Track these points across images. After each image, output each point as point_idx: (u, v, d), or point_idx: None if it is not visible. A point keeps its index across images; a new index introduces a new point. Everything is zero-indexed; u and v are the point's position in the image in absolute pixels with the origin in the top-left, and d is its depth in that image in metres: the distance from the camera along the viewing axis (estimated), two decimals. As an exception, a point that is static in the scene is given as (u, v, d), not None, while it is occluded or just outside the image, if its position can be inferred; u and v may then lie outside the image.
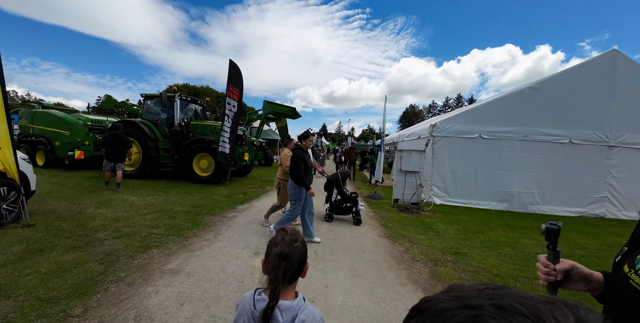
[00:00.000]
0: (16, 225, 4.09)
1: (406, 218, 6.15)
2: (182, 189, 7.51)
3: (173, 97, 9.15)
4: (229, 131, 7.43)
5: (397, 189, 6.98)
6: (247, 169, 10.58)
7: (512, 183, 8.12)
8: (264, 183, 9.37)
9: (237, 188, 8.23)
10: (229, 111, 7.31)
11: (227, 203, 6.28)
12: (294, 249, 0.91)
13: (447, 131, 8.11)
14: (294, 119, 14.38)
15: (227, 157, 7.50)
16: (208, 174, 8.59)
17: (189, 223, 4.73)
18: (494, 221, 6.56)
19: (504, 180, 8.13)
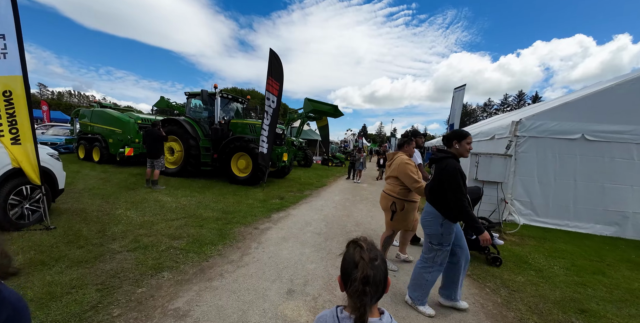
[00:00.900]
0: (37, 226, 3.75)
1: (484, 243, 4.67)
2: (218, 191, 7.00)
3: (214, 94, 8.83)
4: (268, 130, 6.70)
5: (468, 203, 5.48)
6: (285, 171, 9.87)
7: (626, 201, 6.00)
8: (302, 187, 8.52)
9: (274, 191, 7.49)
10: (268, 107, 6.58)
11: (262, 209, 5.50)
12: (377, 270, 0.81)
13: (536, 129, 6.30)
14: (336, 117, 13.39)
15: (265, 157, 6.78)
16: (246, 175, 8.03)
17: (215, 234, 4.00)
18: (609, 254, 4.73)
19: (614, 196, 6.04)
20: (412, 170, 3.11)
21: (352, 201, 6.98)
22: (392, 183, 3.28)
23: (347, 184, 9.93)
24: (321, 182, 9.89)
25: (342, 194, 7.87)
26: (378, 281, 0.80)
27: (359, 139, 34.71)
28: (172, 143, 9.13)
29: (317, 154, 22.76)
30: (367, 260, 0.81)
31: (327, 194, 7.81)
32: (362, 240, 0.88)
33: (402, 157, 3.27)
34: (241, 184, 7.95)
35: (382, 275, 0.82)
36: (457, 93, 6.54)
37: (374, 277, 0.79)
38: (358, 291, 0.78)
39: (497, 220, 5.44)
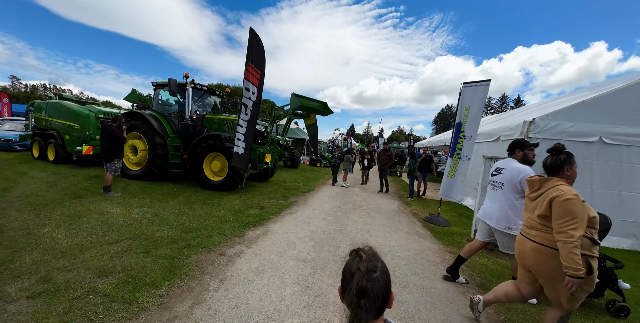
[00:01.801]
0: None
1: (505, 266, 3.87)
2: (185, 199, 5.88)
3: (185, 85, 7.64)
4: (246, 126, 5.65)
5: (480, 215, 4.68)
6: (269, 173, 8.82)
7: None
8: (287, 192, 7.50)
9: (253, 198, 6.44)
10: (246, 99, 5.53)
11: (235, 225, 4.47)
12: (373, 282, 0.75)
13: (551, 131, 5.60)
14: (325, 115, 12.42)
15: (242, 159, 5.72)
16: (220, 179, 6.92)
17: (162, 267, 2.95)
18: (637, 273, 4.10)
19: (632, 206, 5.47)
20: (579, 212, 1.88)
21: (344, 210, 6.05)
22: (544, 227, 2.08)
23: (337, 189, 9.01)
24: (309, 186, 8.91)
25: (332, 201, 6.93)
26: (375, 295, 0.75)
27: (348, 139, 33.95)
28: (136, 141, 7.88)
29: (305, 154, 21.74)
30: (364, 271, 0.76)
31: (315, 201, 6.85)
32: (364, 249, 0.84)
33: (562, 188, 2.02)
34: (215, 190, 6.84)
35: (380, 288, 0.76)
36: (474, 89, 5.70)
37: (370, 291, 0.74)
38: (352, 303, 0.74)
39: (512, 236, 4.65)
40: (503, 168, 3.00)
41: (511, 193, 2.83)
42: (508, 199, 2.84)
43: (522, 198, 2.78)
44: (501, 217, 2.87)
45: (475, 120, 5.69)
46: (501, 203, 2.89)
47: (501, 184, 2.94)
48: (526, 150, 2.96)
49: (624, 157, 5.46)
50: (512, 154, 3.03)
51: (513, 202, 2.82)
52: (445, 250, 4.28)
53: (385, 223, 5.34)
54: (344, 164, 9.89)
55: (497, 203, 2.93)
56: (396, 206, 7.03)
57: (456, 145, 5.99)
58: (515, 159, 2.98)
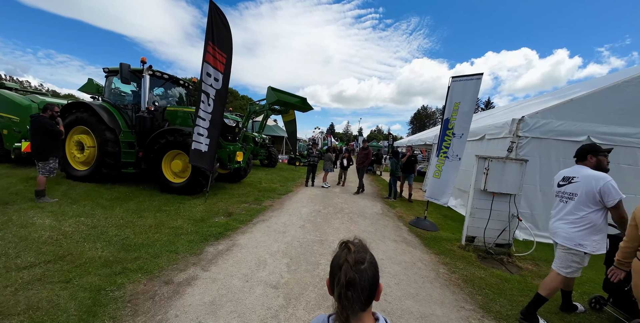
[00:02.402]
0: None
1: (504, 279, 3.45)
2: (137, 205, 4.96)
3: (141, 71, 6.59)
4: (210, 119, 4.83)
5: (474, 221, 4.26)
6: (241, 173, 7.96)
7: (629, 211, 5.33)
8: (262, 194, 6.74)
9: (221, 202, 5.63)
10: (208, 86, 4.71)
11: (192, 238, 3.68)
12: (361, 273, 0.74)
13: (540, 129, 5.35)
14: (305, 111, 11.73)
15: (205, 158, 4.90)
16: (182, 181, 6.01)
17: (80, 306, 2.15)
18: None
19: (618, 207, 5.35)
20: None
21: (325, 215, 5.43)
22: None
23: (316, 190, 8.37)
24: (286, 187, 8.19)
25: (311, 205, 6.28)
26: (363, 286, 0.74)
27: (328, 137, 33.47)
28: (82, 136, 6.72)
29: (283, 153, 20.89)
30: (352, 262, 0.75)
31: (292, 204, 6.16)
32: (353, 242, 0.82)
33: None
34: (176, 194, 5.92)
35: (367, 280, 0.75)
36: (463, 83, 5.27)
37: (357, 282, 0.73)
38: (340, 295, 0.73)
39: (506, 241, 4.31)
40: (574, 176, 2.57)
41: (586, 205, 2.43)
42: (582, 211, 2.44)
43: (601, 210, 2.41)
44: (572, 232, 2.46)
45: (466, 117, 5.29)
46: (573, 216, 2.47)
47: (573, 195, 2.51)
48: (600, 156, 2.56)
49: (611, 157, 5.29)
50: (582, 160, 2.65)
51: (588, 215, 2.41)
52: (438, 261, 3.80)
53: (370, 229, 4.80)
54: (324, 163, 9.26)
55: (568, 217, 2.51)
56: (380, 209, 6.54)
57: (443, 143, 5.59)
58: (587, 167, 2.56)
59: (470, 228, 4.31)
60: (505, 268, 3.91)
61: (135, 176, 7.33)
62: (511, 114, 7.26)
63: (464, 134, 5.33)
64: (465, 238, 4.35)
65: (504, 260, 4.13)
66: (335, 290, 0.76)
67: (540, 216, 5.34)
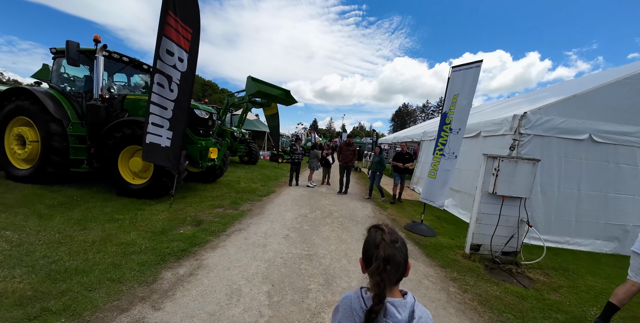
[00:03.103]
0: None
1: (520, 296, 2.99)
2: (84, 213, 4.06)
3: (93, 52, 5.53)
4: (172, 108, 3.99)
5: (481, 227, 3.80)
6: (216, 172, 7.10)
7: (627, 213, 5.21)
8: (240, 196, 5.96)
9: (190, 207, 4.81)
10: (170, 67, 3.87)
11: (144, 259, 2.90)
12: (398, 251, 0.84)
13: (542, 126, 5.00)
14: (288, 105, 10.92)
15: (166, 154, 4.06)
16: (143, 183, 5.10)
17: None
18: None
19: (616, 208, 5.20)
20: None
21: (312, 221, 4.78)
22: None
23: (301, 190, 7.69)
24: (268, 187, 7.43)
25: (296, 208, 5.60)
26: (398, 262, 0.82)
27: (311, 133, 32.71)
28: (23, 129, 5.62)
29: (265, 149, 19.94)
30: (388, 241, 0.83)
31: (275, 208, 5.45)
32: (383, 225, 0.92)
33: None
34: (136, 197, 5.02)
35: (402, 256, 0.84)
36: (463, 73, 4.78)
37: (395, 257, 0.81)
38: (379, 269, 0.80)
39: (513, 249, 3.90)
40: None
41: None
42: None
43: None
44: None
45: (464, 111, 4.82)
46: None
47: None
48: None
49: (611, 156, 5.12)
50: None
51: None
52: (445, 276, 3.29)
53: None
54: (309, 160, 8.56)
55: None
56: (370, 211, 5.99)
57: (439, 139, 5.10)
58: None
59: (475, 235, 3.84)
60: (517, 280, 3.48)
61: (90, 177, 6.28)
62: (502, 111, 6.97)
63: (460, 130, 4.87)
64: (470, 246, 3.89)
65: (513, 270, 3.71)
66: (373, 265, 0.81)
67: (540, 218, 5.03)
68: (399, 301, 0.82)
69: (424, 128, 10.76)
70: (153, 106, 3.86)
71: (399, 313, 0.80)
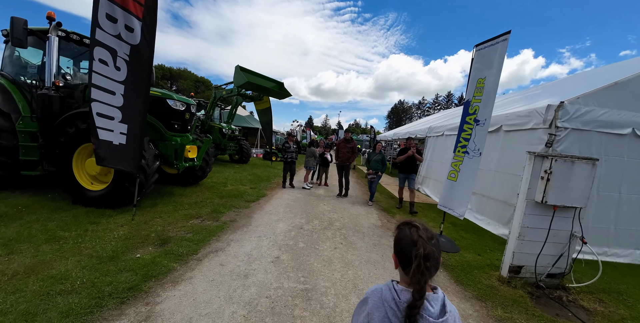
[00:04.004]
0: None
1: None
2: (20, 229, 3.19)
3: (45, 32, 4.59)
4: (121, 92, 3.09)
5: (523, 245, 3.01)
6: (198, 174, 6.18)
7: None
8: (223, 203, 5.10)
9: (158, 218, 3.93)
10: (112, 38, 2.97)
11: (74, 302, 2.03)
12: (434, 247, 0.85)
13: (581, 119, 4.23)
14: (281, 98, 10.06)
15: (125, 154, 3.18)
16: (102, 189, 4.19)
17: None
18: None
19: (658, 212, 4.47)
20: None
21: (309, 235, 3.94)
22: None
23: (296, 193, 6.84)
24: (258, 190, 6.57)
25: (290, 217, 4.76)
26: (437, 258, 0.85)
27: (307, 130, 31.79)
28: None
29: (258, 147, 19.01)
30: (425, 238, 0.84)
31: (264, 217, 4.60)
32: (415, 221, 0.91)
33: None
34: (94, 206, 4.12)
35: (438, 252, 0.86)
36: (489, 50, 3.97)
37: (433, 254, 0.83)
38: (420, 266, 0.80)
39: (561, 270, 3.13)
40: None
41: None
42: None
43: None
44: None
45: (490, 97, 4.00)
46: None
47: None
48: None
49: (651, 156, 4.42)
50: None
51: None
52: (487, 314, 2.49)
53: (376, 258, 3.39)
54: (305, 159, 7.69)
55: None
56: (376, 219, 5.18)
57: (462, 133, 4.29)
58: None
59: (517, 255, 3.06)
60: (573, 314, 2.71)
61: (46, 181, 5.34)
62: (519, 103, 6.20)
63: (486, 121, 4.07)
64: (509, 269, 3.10)
65: (563, 298, 2.94)
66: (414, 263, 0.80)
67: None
68: (431, 295, 0.84)
69: (429, 122, 9.96)
70: (96, 90, 2.95)
71: (432, 306, 0.82)
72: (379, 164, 6.10)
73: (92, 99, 2.96)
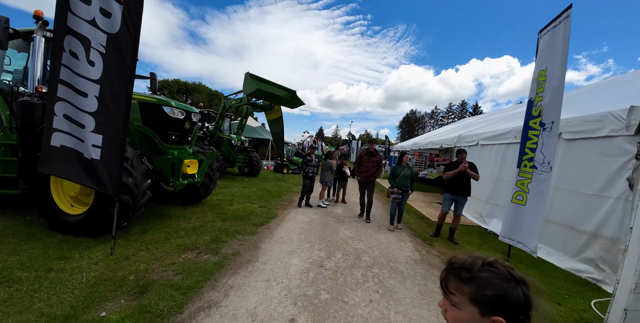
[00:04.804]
0: None
1: None
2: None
3: (30, 33, 4.11)
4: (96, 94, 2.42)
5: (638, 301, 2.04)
6: (200, 191, 5.43)
7: None
8: (226, 227, 4.31)
9: (144, 251, 3.17)
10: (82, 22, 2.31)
11: None
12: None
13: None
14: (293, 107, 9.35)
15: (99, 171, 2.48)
16: (82, 213, 3.49)
17: None
18: None
19: None
20: None
21: (333, 277, 3.04)
22: None
23: (311, 213, 5.98)
24: (268, 209, 5.76)
25: (306, 247, 3.89)
26: None
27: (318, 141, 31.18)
28: None
29: (269, 158, 18.42)
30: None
31: (274, 249, 3.75)
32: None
33: None
34: (72, 234, 3.41)
35: None
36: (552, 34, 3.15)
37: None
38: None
39: None
40: None
41: None
42: None
43: None
44: None
45: (555, 92, 3.13)
46: None
47: None
48: None
49: None
50: None
51: None
52: None
53: (429, 317, 2.45)
54: (321, 174, 6.83)
55: None
56: (412, 248, 4.22)
57: (527, 142, 3.38)
58: None
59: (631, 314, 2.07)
60: None
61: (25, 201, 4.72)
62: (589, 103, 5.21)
63: (554, 124, 3.18)
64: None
65: None
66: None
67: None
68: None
69: (457, 130, 8.99)
70: (63, 87, 2.29)
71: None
72: (407, 180, 5.14)
73: (59, 98, 2.29)
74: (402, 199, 5.17)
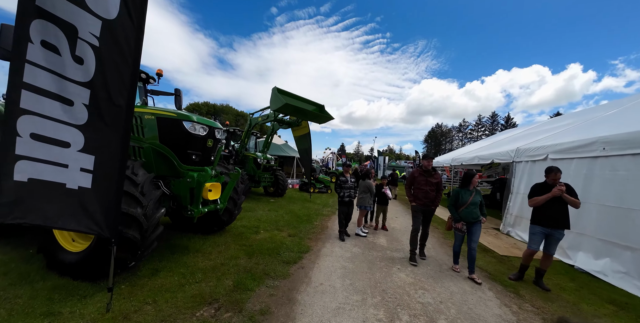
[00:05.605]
0: None
1: None
2: None
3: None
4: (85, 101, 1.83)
5: None
6: (224, 218, 4.73)
7: None
8: (253, 266, 3.52)
9: (148, 305, 2.44)
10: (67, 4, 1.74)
11: None
12: None
13: None
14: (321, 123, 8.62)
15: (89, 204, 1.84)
16: (82, 251, 2.89)
17: None
18: None
19: None
20: None
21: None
22: None
23: (351, 246, 5.01)
24: (299, 240, 4.91)
25: (357, 302, 2.96)
26: None
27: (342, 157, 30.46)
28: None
29: (294, 177, 17.83)
30: None
31: (313, 302, 2.86)
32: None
33: None
34: (70, 277, 2.80)
35: None
36: None
37: None
38: None
39: None
40: None
41: None
42: None
43: None
44: None
45: None
46: None
47: None
48: None
49: None
50: None
51: None
52: None
53: None
54: (358, 196, 5.84)
55: None
56: (499, 303, 3.10)
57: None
58: None
59: None
60: None
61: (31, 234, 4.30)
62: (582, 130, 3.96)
63: None
64: None
65: None
66: None
67: None
68: None
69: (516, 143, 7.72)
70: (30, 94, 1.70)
71: None
72: (477, 208, 3.82)
73: (23, 110, 1.72)
74: (473, 235, 3.80)
